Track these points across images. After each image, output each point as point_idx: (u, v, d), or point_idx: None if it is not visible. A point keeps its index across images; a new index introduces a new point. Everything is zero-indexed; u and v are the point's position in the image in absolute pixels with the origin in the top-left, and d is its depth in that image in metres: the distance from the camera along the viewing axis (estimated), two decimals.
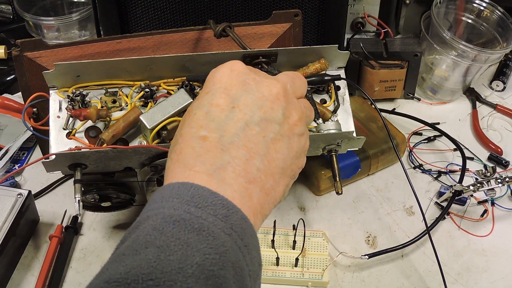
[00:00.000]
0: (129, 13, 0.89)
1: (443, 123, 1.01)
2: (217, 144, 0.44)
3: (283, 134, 0.48)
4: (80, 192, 0.69)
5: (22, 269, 0.79)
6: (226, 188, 0.42)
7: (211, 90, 0.48)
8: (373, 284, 0.78)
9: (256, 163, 0.45)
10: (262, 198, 0.45)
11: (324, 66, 0.78)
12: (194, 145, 0.44)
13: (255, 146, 0.45)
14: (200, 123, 0.45)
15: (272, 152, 0.46)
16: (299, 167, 0.51)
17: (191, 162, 0.43)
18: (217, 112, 0.46)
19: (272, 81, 0.49)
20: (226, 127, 0.45)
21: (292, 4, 0.90)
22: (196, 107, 0.47)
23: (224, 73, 0.49)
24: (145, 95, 0.75)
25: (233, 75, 0.48)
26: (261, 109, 0.47)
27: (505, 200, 0.89)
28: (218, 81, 0.48)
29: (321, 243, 0.81)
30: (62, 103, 0.75)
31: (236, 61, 0.50)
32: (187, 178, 0.42)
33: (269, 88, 0.49)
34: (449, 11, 1.06)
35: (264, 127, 0.46)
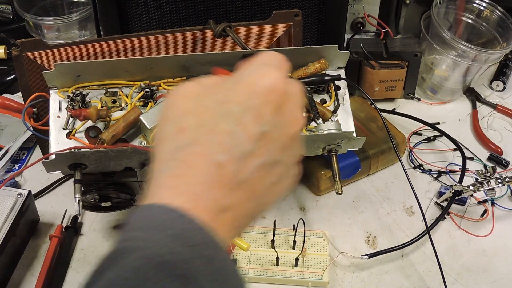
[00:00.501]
0: (129, 13, 0.89)
1: (443, 123, 1.01)
2: (230, 179, 0.37)
3: (284, 176, 0.41)
4: (80, 192, 0.69)
5: (22, 269, 0.79)
6: (220, 234, 0.37)
7: (245, 102, 0.38)
8: (373, 284, 0.78)
9: (248, 208, 0.39)
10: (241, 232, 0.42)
11: (324, 66, 0.78)
12: (208, 170, 0.37)
13: (260, 189, 0.39)
14: (221, 141, 0.37)
15: (266, 197, 0.40)
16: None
17: (198, 191, 0.36)
18: (244, 138, 0.38)
19: (299, 114, 0.41)
20: (246, 160, 0.38)
21: (292, 4, 0.90)
22: (221, 115, 0.38)
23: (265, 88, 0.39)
24: (145, 95, 0.75)
25: (271, 97, 0.39)
26: (281, 149, 0.40)
27: (505, 200, 0.89)
28: (256, 95, 0.39)
29: (321, 243, 0.81)
30: (62, 103, 0.75)
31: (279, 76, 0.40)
32: (188, 208, 0.36)
33: (293, 122, 0.41)
34: (449, 11, 1.06)
35: (274, 169, 0.40)
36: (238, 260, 0.78)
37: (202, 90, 0.40)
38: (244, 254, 0.78)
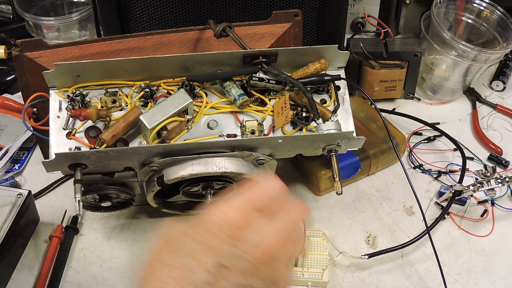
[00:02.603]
0: (129, 13, 0.89)
1: (443, 123, 1.01)
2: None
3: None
4: (80, 192, 0.69)
5: (22, 269, 0.79)
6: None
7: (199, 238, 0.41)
8: (373, 284, 0.78)
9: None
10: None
11: (324, 66, 0.78)
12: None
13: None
14: (175, 275, 0.39)
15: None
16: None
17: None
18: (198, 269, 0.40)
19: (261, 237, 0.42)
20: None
21: (292, 4, 0.90)
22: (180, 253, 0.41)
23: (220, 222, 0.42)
24: (145, 95, 0.75)
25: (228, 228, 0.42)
26: (244, 275, 0.41)
27: (505, 200, 0.89)
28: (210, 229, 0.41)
29: (321, 243, 0.81)
30: (62, 103, 0.75)
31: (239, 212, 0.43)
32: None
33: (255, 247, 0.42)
34: (449, 11, 1.06)
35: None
36: None
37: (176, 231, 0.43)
38: None
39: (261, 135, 0.75)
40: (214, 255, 0.40)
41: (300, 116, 0.76)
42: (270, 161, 0.74)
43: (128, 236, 0.84)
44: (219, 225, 0.42)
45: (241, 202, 0.43)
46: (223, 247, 0.41)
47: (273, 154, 0.74)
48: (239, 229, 0.42)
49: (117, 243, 0.83)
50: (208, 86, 0.78)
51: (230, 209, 0.43)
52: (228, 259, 0.40)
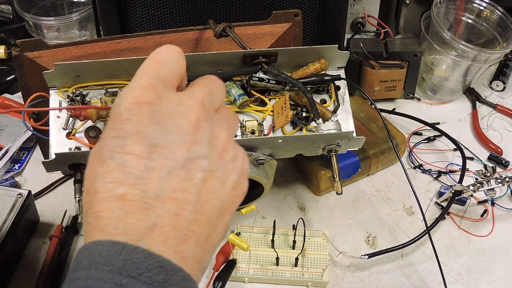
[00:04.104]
0: (129, 13, 0.89)
1: (443, 123, 1.01)
2: (138, 203, 0.37)
3: (213, 168, 0.40)
4: (80, 192, 0.69)
5: (22, 269, 0.79)
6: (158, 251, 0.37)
7: (120, 134, 0.39)
8: (373, 284, 0.78)
9: (186, 215, 0.38)
10: (199, 253, 0.39)
11: (324, 66, 0.78)
12: (112, 207, 0.37)
13: (184, 194, 0.38)
14: (115, 178, 0.38)
15: (204, 195, 0.39)
16: (239, 196, 0.43)
17: (111, 229, 0.37)
18: (134, 161, 0.38)
19: (188, 104, 0.41)
20: (147, 179, 0.38)
21: (292, 4, 0.90)
22: (107, 156, 0.39)
23: (131, 109, 0.39)
24: None
25: (142, 111, 0.39)
26: (183, 147, 0.39)
27: (505, 200, 0.89)
28: (127, 120, 0.39)
29: (321, 243, 0.81)
30: (62, 103, 0.75)
31: (142, 88, 0.40)
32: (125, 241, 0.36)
33: (186, 116, 0.40)
34: (449, 11, 1.06)
35: (190, 169, 0.39)
36: (238, 260, 0.78)
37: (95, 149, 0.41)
38: (244, 254, 0.79)
39: (261, 135, 0.75)
40: (141, 139, 0.38)
41: (300, 116, 0.76)
42: (270, 161, 0.74)
43: None
44: (132, 110, 0.39)
45: (142, 80, 0.41)
46: (146, 128, 0.39)
47: (273, 154, 0.74)
48: (153, 104, 0.40)
49: None
50: None
51: (135, 90, 0.40)
52: (158, 136, 0.39)
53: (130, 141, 0.38)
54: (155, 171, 0.38)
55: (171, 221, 0.37)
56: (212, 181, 0.40)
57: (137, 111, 0.39)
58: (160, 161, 0.38)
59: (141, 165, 0.38)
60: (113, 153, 0.38)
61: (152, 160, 0.38)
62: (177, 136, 0.39)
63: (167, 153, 0.39)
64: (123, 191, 0.37)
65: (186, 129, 0.40)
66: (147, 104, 0.39)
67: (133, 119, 0.39)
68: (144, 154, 0.38)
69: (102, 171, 0.39)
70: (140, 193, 0.37)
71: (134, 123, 0.39)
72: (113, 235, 0.36)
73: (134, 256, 0.35)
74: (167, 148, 0.39)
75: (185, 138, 0.39)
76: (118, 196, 0.37)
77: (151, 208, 0.37)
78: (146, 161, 0.38)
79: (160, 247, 0.36)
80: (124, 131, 0.39)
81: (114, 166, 0.38)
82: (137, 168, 0.38)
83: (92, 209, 0.38)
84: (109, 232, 0.36)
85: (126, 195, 0.37)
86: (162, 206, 0.37)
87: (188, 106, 0.41)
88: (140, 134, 0.38)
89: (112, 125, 0.40)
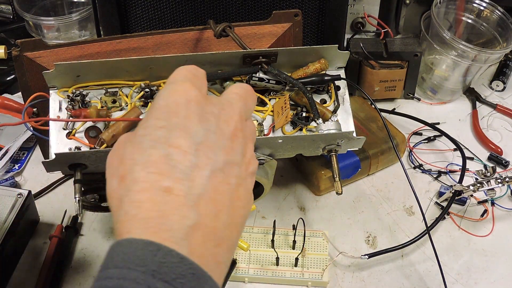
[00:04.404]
0: (129, 13, 0.89)
1: (443, 123, 1.01)
2: (184, 199, 0.36)
3: (242, 177, 0.41)
4: (80, 192, 0.69)
5: (22, 269, 0.79)
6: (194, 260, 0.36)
7: (165, 125, 0.39)
8: (373, 284, 0.78)
9: (223, 218, 0.38)
10: (228, 259, 0.39)
11: (324, 66, 0.78)
12: (156, 199, 0.36)
13: (222, 197, 0.38)
14: (160, 169, 0.37)
15: (236, 201, 0.40)
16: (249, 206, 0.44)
17: (154, 224, 0.35)
18: (180, 155, 0.37)
19: (229, 111, 0.42)
20: (193, 176, 0.37)
21: (292, 4, 0.90)
22: (148, 145, 0.38)
23: (179, 103, 0.40)
24: (145, 95, 0.75)
25: (191, 107, 0.40)
26: (223, 151, 0.40)
27: (505, 200, 0.89)
28: (174, 113, 0.39)
29: (321, 243, 0.81)
30: (62, 103, 0.75)
31: (190, 86, 0.41)
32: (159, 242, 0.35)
33: (227, 123, 0.41)
34: (449, 11, 1.06)
35: (227, 173, 0.40)
36: (238, 260, 0.78)
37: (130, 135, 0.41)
38: (244, 254, 0.78)
39: (261, 135, 0.75)
40: (187, 135, 0.38)
41: (300, 116, 0.76)
42: (270, 161, 0.74)
43: None
44: (181, 104, 0.40)
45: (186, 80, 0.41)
46: (193, 125, 0.39)
47: (273, 154, 0.74)
48: (201, 104, 0.40)
49: None
50: (208, 86, 0.77)
51: (184, 87, 0.41)
52: (203, 135, 0.39)
53: (176, 135, 0.38)
54: (200, 169, 0.38)
55: (211, 222, 0.37)
56: (241, 188, 0.41)
57: (185, 106, 0.39)
58: (204, 159, 0.38)
59: (187, 161, 0.37)
60: (156, 143, 0.38)
61: (197, 158, 0.38)
62: (219, 139, 0.40)
63: (210, 153, 0.39)
64: (169, 184, 0.36)
65: (226, 134, 0.41)
66: (196, 102, 0.40)
67: (181, 114, 0.39)
68: (190, 150, 0.38)
69: (142, 160, 0.38)
70: (187, 189, 0.37)
71: (181, 117, 0.39)
72: (156, 231, 0.35)
73: (169, 259, 0.34)
74: (211, 148, 0.39)
75: (225, 142, 0.40)
76: (163, 189, 0.36)
77: (195, 207, 0.37)
78: (191, 158, 0.38)
79: (200, 248, 0.36)
80: (171, 124, 0.39)
81: (158, 157, 0.37)
82: (183, 163, 0.37)
83: (131, 197, 0.37)
84: (151, 227, 0.35)
85: (173, 189, 0.36)
86: (205, 206, 0.37)
87: (229, 113, 0.42)
88: (186, 129, 0.39)
89: (156, 115, 0.39)
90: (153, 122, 0.39)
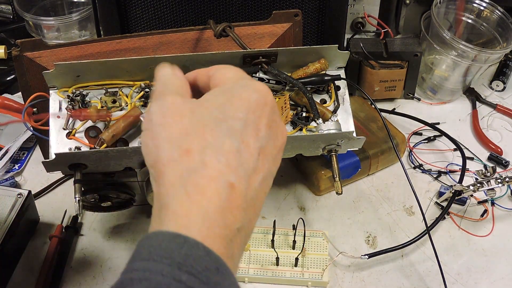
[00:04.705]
0: (129, 13, 0.89)
1: (443, 123, 1.01)
2: (242, 200, 0.37)
3: (270, 186, 0.42)
4: (80, 192, 0.69)
5: (22, 269, 0.79)
6: (232, 264, 0.36)
7: (244, 119, 0.39)
8: (373, 284, 0.78)
9: (253, 225, 0.40)
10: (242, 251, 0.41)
11: (324, 66, 0.78)
12: (221, 191, 0.36)
13: (259, 203, 0.40)
14: (230, 162, 0.37)
15: (260, 205, 0.41)
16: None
17: (214, 216, 0.35)
18: (247, 154, 0.38)
19: (283, 125, 0.43)
20: (252, 177, 0.38)
21: (292, 4, 0.90)
22: (226, 134, 0.38)
23: (259, 103, 0.40)
24: (145, 95, 0.75)
25: (266, 110, 0.40)
26: (272, 161, 0.41)
27: (505, 200, 0.89)
28: (252, 110, 0.39)
29: (321, 243, 0.81)
30: (62, 103, 0.75)
31: (268, 89, 0.41)
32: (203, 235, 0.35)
33: (282, 135, 0.42)
34: (449, 11, 1.06)
35: (268, 182, 0.41)
36: None
37: (193, 106, 0.40)
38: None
39: None
40: (257, 136, 0.39)
41: (300, 116, 0.76)
42: None
43: (128, 236, 0.84)
44: (260, 105, 0.40)
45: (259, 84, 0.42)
46: (263, 128, 0.39)
47: None
48: (273, 110, 0.41)
49: (117, 243, 0.83)
50: None
51: (264, 89, 0.41)
52: (266, 141, 0.40)
53: (249, 133, 0.38)
54: (257, 174, 0.38)
55: (248, 227, 0.38)
56: (264, 196, 0.41)
57: (262, 108, 0.40)
58: (261, 165, 0.39)
59: (251, 162, 0.38)
60: (232, 134, 0.38)
61: (257, 161, 0.39)
62: (273, 149, 0.41)
63: (266, 160, 0.39)
64: (234, 181, 0.36)
65: (278, 146, 0.41)
66: (270, 107, 0.41)
67: (257, 113, 0.39)
68: (255, 152, 0.38)
69: (215, 145, 0.37)
70: (244, 190, 0.37)
71: (257, 117, 0.39)
72: (211, 226, 0.35)
73: (195, 252, 0.34)
74: (267, 156, 0.40)
75: (274, 153, 0.41)
76: (229, 184, 0.36)
77: (246, 209, 0.37)
78: (254, 160, 0.38)
79: (238, 251, 0.37)
80: (248, 119, 0.39)
81: (230, 148, 0.37)
82: (248, 163, 0.38)
83: (197, 180, 0.36)
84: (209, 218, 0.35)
85: (236, 187, 0.36)
86: (252, 211, 0.38)
87: (283, 128, 0.43)
88: (257, 131, 0.39)
89: (236, 104, 0.39)
90: (232, 110, 0.39)
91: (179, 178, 0.37)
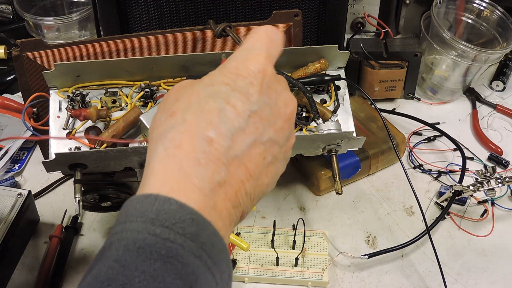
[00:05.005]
0: (129, 13, 0.89)
1: (443, 123, 1.01)
2: (221, 155, 0.38)
3: (279, 158, 0.43)
4: (80, 192, 0.69)
5: (22, 269, 0.79)
6: (216, 216, 0.37)
7: (231, 84, 0.41)
8: (373, 284, 0.78)
9: (247, 187, 0.40)
10: (238, 220, 0.42)
11: (324, 66, 0.78)
12: (198, 146, 0.38)
13: (254, 167, 0.40)
14: (210, 119, 0.38)
15: (263, 177, 0.42)
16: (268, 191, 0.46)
17: (190, 169, 0.37)
18: (232, 115, 0.39)
19: (290, 95, 0.44)
20: (237, 137, 0.39)
21: (292, 4, 0.90)
22: (209, 95, 0.40)
23: (250, 71, 0.42)
24: (145, 95, 0.75)
25: (259, 77, 0.41)
26: (273, 127, 0.42)
27: (505, 200, 0.89)
28: (242, 77, 0.41)
29: (321, 243, 0.81)
30: (62, 103, 0.75)
31: (265, 59, 0.43)
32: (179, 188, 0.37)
33: (286, 104, 0.43)
34: (449, 11, 1.06)
35: (267, 148, 0.41)
36: (238, 260, 0.78)
37: (194, 81, 0.43)
38: (244, 254, 0.79)
39: None
40: (247, 100, 0.40)
41: (300, 116, 0.76)
42: None
43: None
44: (252, 72, 0.42)
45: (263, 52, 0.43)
46: (255, 93, 0.41)
47: None
48: (269, 78, 0.42)
49: None
50: None
51: (261, 58, 0.43)
52: (260, 107, 0.41)
53: (237, 96, 0.40)
54: (244, 134, 0.40)
55: (236, 185, 0.39)
56: (273, 167, 0.43)
57: (255, 75, 0.41)
58: (252, 128, 0.40)
59: (236, 122, 0.39)
60: (215, 96, 0.40)
61: (246, 123, 0.40)
62: (273, 116, 0.42)
63: (259, 124, 0.41)
64: (213, 136, 0.38)
65: (282, 115, 0.43)
66: (265, 75, 0.42)
67: (248, 79, 0.41)
68: (243, 114, 0.40)
69: (197, 105, 0.39)
70: (226, 147, 0.39)
71: (247, 83, 0.41)
72: (188, 176, 0.37)
73: (167, 207, 0.36)
74: (262, 121, 0.41)
75: (278, 122, 0.42)
76: (206, 138, 0.38)
77: (227, 165, 0.38)
78: (241, 121, 0.40)
79: (220, 203, 0.38)
80: (236, 85, 0.40)
81: (213, 108, 0.39)
82: (232, 122, 0.39)
83: (174, 135, 0.38)
84: (185, 171, 0.37)
85: (214, 142, 0.38)
86: (236, 169, 0.39)
87: (290, 97, 0.44)
88: (247, 95, 0.40)
89: (225, 73, 0.41)
90: (220, 78, 0.41)
91: (159, 136, 0.39)
